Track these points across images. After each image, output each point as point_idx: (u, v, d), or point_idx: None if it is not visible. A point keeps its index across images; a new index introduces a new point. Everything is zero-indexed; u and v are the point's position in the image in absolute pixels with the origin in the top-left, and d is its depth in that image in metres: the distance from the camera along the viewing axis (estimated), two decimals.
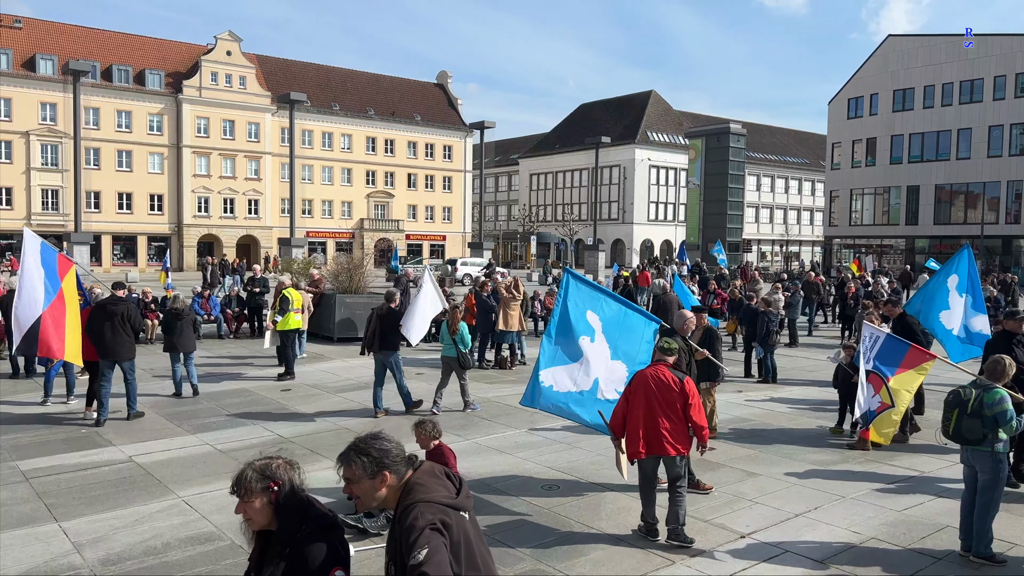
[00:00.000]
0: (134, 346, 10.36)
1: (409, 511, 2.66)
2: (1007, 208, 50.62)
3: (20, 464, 8.15)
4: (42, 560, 5.80)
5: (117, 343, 10.01)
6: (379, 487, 2.75)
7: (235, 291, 21.23)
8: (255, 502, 2.73)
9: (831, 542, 6.28)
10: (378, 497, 2.77)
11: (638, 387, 6.35)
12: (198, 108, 57.94)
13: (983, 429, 5.79)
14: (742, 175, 56.74)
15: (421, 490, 2.72)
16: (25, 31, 53.63)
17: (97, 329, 9.99)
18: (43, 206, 52.62)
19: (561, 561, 5.85)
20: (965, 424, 5.86)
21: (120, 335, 10.04)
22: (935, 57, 53.17)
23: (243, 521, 2.79)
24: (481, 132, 55.70)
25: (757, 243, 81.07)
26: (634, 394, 6.36)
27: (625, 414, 6.39)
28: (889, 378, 7.64)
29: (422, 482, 2.76)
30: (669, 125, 79.32)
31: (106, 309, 10.11)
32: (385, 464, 2.74)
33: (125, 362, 10.12)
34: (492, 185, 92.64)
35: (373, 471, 2.74)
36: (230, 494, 2.78)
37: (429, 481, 2.77)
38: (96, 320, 10.05)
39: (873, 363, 7.78)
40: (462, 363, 10.73)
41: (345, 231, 65.87)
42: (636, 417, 6.28)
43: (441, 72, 76.42)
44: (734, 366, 15.40)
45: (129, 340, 10.20)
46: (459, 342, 10.64)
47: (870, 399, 7.77)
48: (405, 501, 2.71)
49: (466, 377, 10.98)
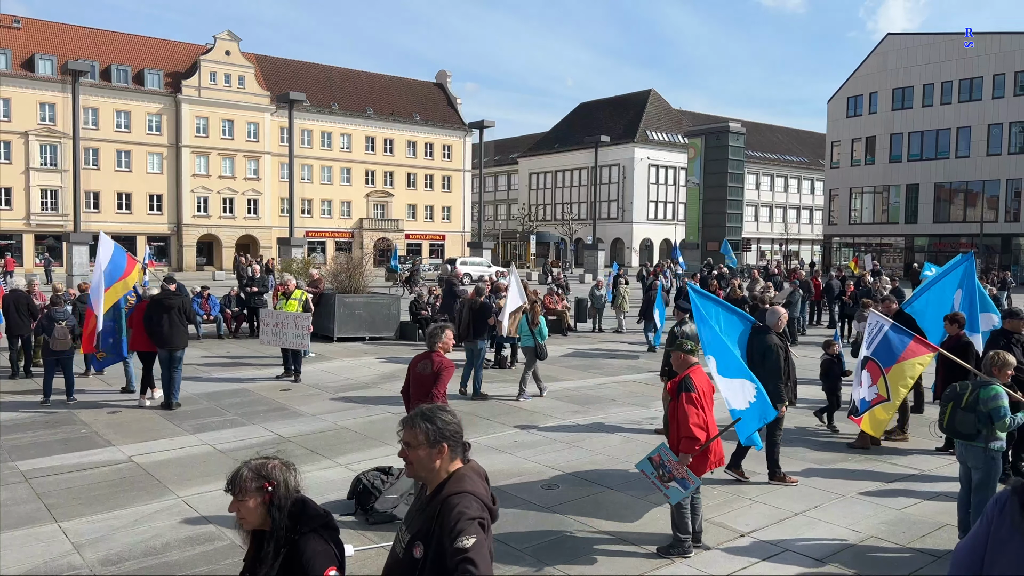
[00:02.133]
0: (187, 336, 11.26)
1: (461, 498, 2.69)
2: (1006, 206, 50.62)
3: (20, 464, 8.15)
4: (42, 560, 5.80)
5: (174, 334, 10.87)
6: (435, 458, 2.78)
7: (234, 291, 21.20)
8: (249, 502, 2.73)
9: (831, 541, 6.28)
10: (426, 467, 2.79)
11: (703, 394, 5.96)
12: (197, 108, 57.92)
13: (977, 424, 5.79)
14: (741, 174, 56.74)
15: (471, 484, 2.76)
16: (24, 31, 53.58)
17: (156, 321, 10.81)
18: (42, 206, 52.59)
19: (561, 561, 5.85)
20: (959, 418, 5.87)
21: (177, 326, 10.93)
22: (934, 55, 53.16)
23: (236, 520, 2.80)
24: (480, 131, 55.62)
25: (757, 242, 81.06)
26: (705, 401, 5.93)
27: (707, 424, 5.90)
28: (888, 368, 7.54)
29: (472, 477, 2.81)
30: (668, 124, 79.32)
31: (164, 303, 10.93)
32: (446, 437, 2.78)
33: (178, 351, 10.91)
34: (491, 184, 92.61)
35: (434, 440, 2.77)
36: (225, 492, 2.79)
37: (477, 479, 2.82)
38: (155, 313, 10.85)
39: (873, 351, 7.70)
40: (538, 353, 11.91)
41: (344, 231, 65.86)
42: (713, 426, 5.90)
43: (440, 71, 76.39)
44: None
45: (184, 331, 11.11)
46: (537, 334, 11.94)
47: (867, 388, 7.71)
48: (456, 487, 2.73)
49: (536, 366, 12.01)
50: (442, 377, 6.40)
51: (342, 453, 8.71)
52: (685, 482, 5.77)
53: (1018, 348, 7.85)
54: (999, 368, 6.01)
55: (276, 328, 13.20)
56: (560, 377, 13.86)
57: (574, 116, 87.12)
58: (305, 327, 12.97)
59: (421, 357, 6.67)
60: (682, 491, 5.79)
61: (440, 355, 6.58)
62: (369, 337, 18.13)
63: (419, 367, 6.56)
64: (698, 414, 5.80)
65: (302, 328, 12.94)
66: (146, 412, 10.59)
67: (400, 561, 2.78)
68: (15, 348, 13.20)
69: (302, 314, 13.22)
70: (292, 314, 13.16)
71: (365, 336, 18.06)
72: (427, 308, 19.04)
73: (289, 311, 13.34)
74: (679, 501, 5.86)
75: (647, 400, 11.64)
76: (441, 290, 16.07)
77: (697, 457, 5.83)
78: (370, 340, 18.05)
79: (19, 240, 51.79)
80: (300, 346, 13.04)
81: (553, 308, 20.40)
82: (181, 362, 11.05)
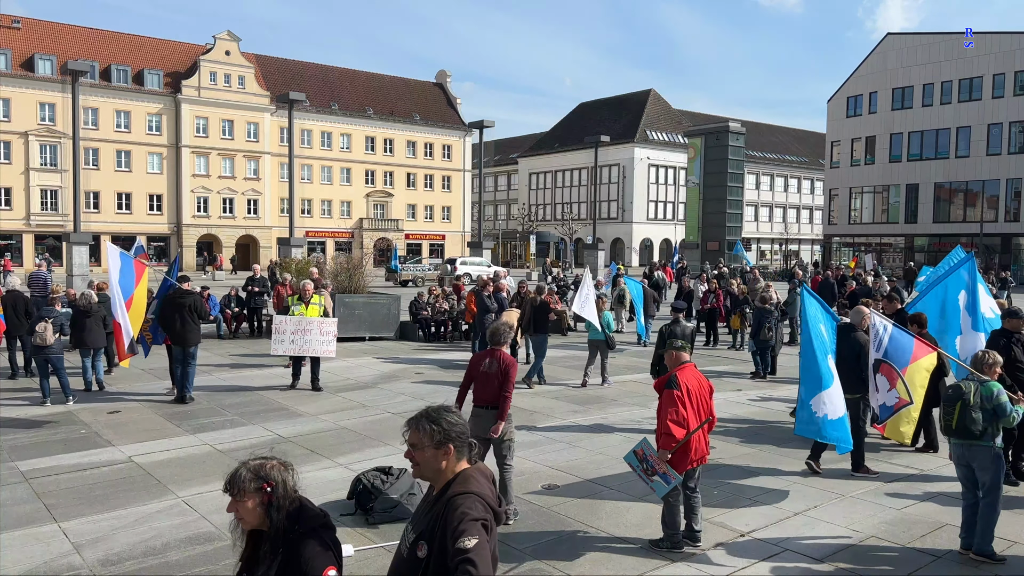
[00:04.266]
0: (199, 333, 11.61)
1: (466, 498, 2.69)
2: (1006, 206, 50.62)
3: (19, 465, 8.15)
4: (42, 560, 5.80)
5: (187, 331, 11.22)
6: (441, 458, 2.79)
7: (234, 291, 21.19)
8: (248, 502, 2.73)
9: (830, 540, 6.28)
10: (432, 468, 2.80)
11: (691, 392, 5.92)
12: (197, 108, 57.93)
13: (983, 423, 5.79)
14: (741, 174, 56.76)
15: (476, 485, 2.77)
16: (24, 31, 53.59)
17: (168, 319, 11.20)
18: (42, 206, 52.60)
19: (561, 561, 5.85)
20: (969, 417, 5.79)
21: (188, 324, 11.26)
22: (934, 55, 53.14)
23: (234, 520, 2.80)
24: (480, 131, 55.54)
25: (756, 242, 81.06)
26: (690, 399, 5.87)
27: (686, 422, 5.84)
28: (904, 370, 7.39)
29: (478, 478, 2.81)
30: (668, 124, 79.32)
31: (176, 301, 11.30)
32: (451, 438, 2.79)
33: (191, 347, 11.22)
34: (491, 184, 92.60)
35: (439, 441, 2.78)
36: (223, 492, 2.78)
37: (483, 480, 2.83)
38: (168, 311, 11.24)
39: (884, 353, 7.52)
40: (609, 344, 12.91)
41: (344, 231, 65.87)
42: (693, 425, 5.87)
43: (440, 71, 76.41)
44: (735, 365, 15.41)
45: (196, 328, 11.46)
46: (605, 327, 12.95)
47: (885, 392, 7.53)
48: (461, 487, 2.74)
49: (609, 356, 13.23)
50: (510, 374, 6.56)
51: (342, 453, 8.70)
52: (667, 477, 5.77)
53: (1018, 347, 7.85)
54: (990, 367, 6.06)
55: (295, 335, 12.21)
56: (560, 377, 13.86)
57: (574, 116, 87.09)
58: (331, 332, 12.38)
59: (484, 355, 6.76)
60: (665, 486, 5.79)
61: (504, 352, 6.71)
62: (369, 337, 18.14)
63: (484, 365, 6.65)
64: (677, 411, 5.76)
65: (328, 334, 12.28)
66: (146, 412, 10.60)
67: (405, 560, 2.79)
68: (14, 348, 13.29)
69: (328, 319, 12.66)
70: (316, 319, 12.34)
71: (365, 336, 18.07)
72: (427, 308, 19.03)
73: (311, 317, 12.42)
74: (665, 495, 5.87)
75: (647, 400, 11.64)
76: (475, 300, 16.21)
77: (677, 454, 5.81)
78: (370, 340, 18.07)
79: (19, 240, 51.82)
80: (326, 353, 12.36)
81: (553, 308, 20.40)
82: (195, 358, 11.39)
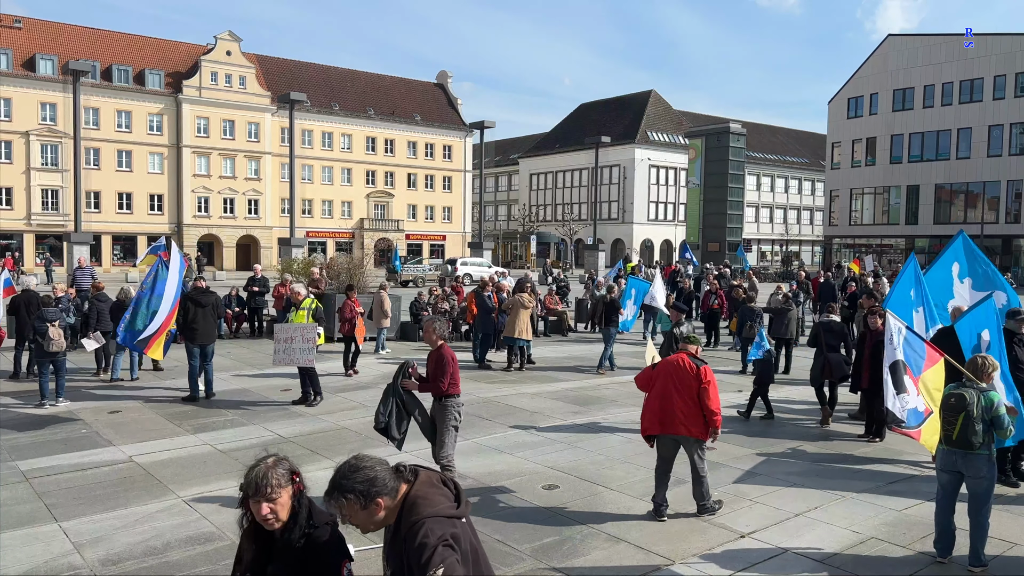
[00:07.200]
0: (216, 332, 12.14)
1: (418, 529, 2.57)
2: (1007, 207, 50.65)
3: (20, 464, 8.15)
4: (42, 560, 5.79)
5: (208, 330, 11.60)
6: (376, 513, 2.66)
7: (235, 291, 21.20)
8: (283, 495, 2.73)
9: (831, 541, 6.27)
10: (376, 521, 2.68)
11: (661, 371, 6.92)
12: (198, 108, 57.94)
13: (984, 434, 5.67)
14: (742, 175, 56.66)
15: (425, 504, 2.64)
16: (25, 31, 53.61)
17: (191, 318, 11.45)
18: (43, 206, 52.61)
19: (561, 561, 5.85)
20: (971, 429, 5.61)
21: (210, 323, 11.66)
22: (935, 57, 53.17)
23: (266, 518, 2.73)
24: (481, 132, 55.73)
25: (757, 243, 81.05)
26: (657, 377, 6.91)
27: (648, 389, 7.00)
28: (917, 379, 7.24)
29: (423, 495, 2.67)
30: (669, 125, 79.30)
31: (199, 301, 11.63)
32: (374, 492, 2.63)
33: (210, 346, 11.59)
34: (492, 185, 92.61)
35: (364, 503, 2.63)
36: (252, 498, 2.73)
37: (430, 493, 2.69)
38: (190, 310, 11.49)
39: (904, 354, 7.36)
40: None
41: (345, 231, 65.87)
42: (653, 398, 6.88)
43: (441, 72, 76.41)
44: (736, 365, 15.40)
45: (215, 327, 11.95)
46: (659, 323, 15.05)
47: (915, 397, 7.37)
48: (411, 517, 2.62)
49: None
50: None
51: (342, 453, 8.69)
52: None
53: (1020, 348, 7.83)
54: (988, 373, 5.91)
55: (285, 344, 11.27)
56: (559, 377, 13.86)
57: (574, 116, 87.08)
58: (312, 339, 11.11)
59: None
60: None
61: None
62: (369, 337, 18.11)
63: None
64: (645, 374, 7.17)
65: (309, 341, 11.06)
66: (147, 412, 10.59)
67: None
68: (21, 348, 13.26)
69: (308, 325, 11.38)
70: (299, 326, 11.34)
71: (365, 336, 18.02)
72: (427, 308, 19.03)
73: (297, 323, 11.53)
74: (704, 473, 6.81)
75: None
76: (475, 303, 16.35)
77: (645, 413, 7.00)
78: (370, 340, 18.04)
79: (20, 240, 51.82)
80: (307, 362, 11.13)
81: (553, 309, 20.42)
82: (212, 356, 11.71)
